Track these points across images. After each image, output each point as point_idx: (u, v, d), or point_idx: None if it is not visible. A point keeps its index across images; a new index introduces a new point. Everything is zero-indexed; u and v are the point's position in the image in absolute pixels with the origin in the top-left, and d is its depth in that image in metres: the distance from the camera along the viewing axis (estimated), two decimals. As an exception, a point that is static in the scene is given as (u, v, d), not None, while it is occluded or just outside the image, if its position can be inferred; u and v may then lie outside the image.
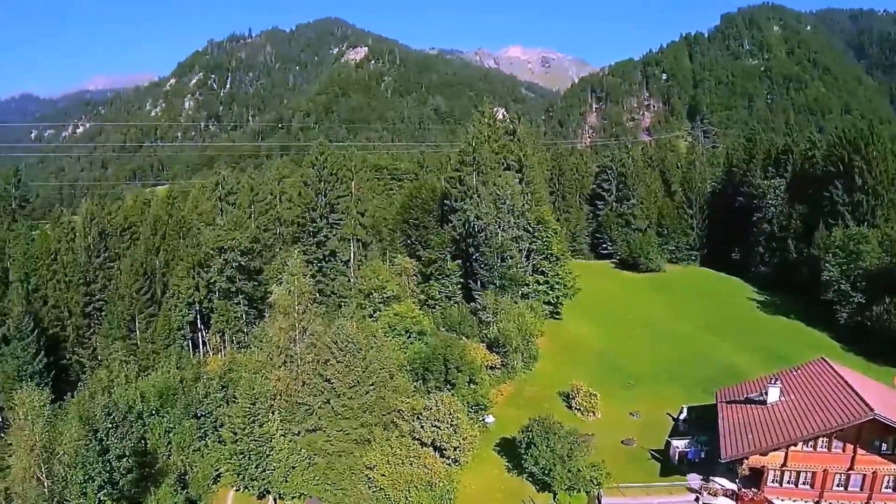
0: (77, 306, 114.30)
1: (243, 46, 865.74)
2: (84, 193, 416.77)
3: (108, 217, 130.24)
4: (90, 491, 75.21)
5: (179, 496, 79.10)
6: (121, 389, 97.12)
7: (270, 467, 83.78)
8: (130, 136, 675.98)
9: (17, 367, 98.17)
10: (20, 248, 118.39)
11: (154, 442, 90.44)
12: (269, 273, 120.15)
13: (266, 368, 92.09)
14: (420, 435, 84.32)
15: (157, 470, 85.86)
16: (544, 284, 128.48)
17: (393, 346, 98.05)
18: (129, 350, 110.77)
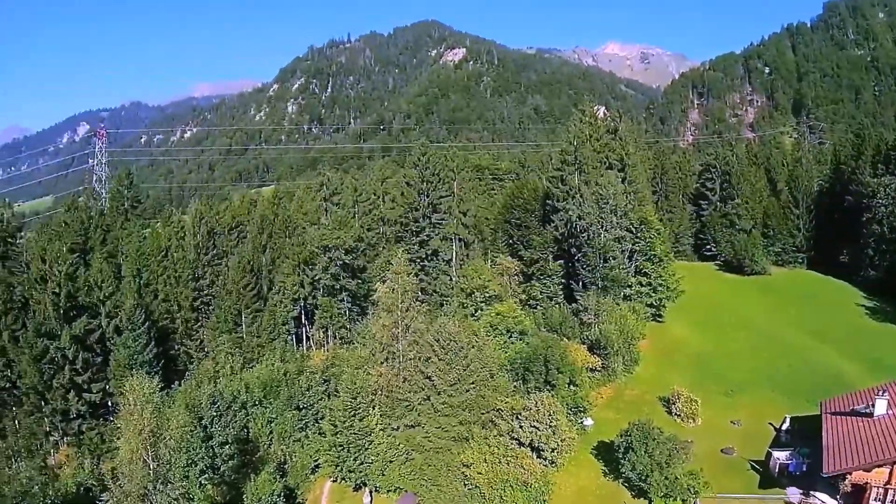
0: (186, 300, 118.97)
1: (343, 51, 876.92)
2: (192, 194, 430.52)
3: (217, 216, 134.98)
4: (192, 475, 78.94)
5: (278, 484, 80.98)
6: (226, 380, 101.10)
7: (368, 460, 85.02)
8: (236, 139, 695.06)
9: (129, 356, 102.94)
10: (133, 246, 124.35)
11: (256, 431, 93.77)
12: (373, 271, 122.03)
13: (368, 364, 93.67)
14: (518, 435, 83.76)
15: (258, 458, 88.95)
16: (647, 286, 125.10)
17: (494, 346, 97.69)
18: (234, 343, 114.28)
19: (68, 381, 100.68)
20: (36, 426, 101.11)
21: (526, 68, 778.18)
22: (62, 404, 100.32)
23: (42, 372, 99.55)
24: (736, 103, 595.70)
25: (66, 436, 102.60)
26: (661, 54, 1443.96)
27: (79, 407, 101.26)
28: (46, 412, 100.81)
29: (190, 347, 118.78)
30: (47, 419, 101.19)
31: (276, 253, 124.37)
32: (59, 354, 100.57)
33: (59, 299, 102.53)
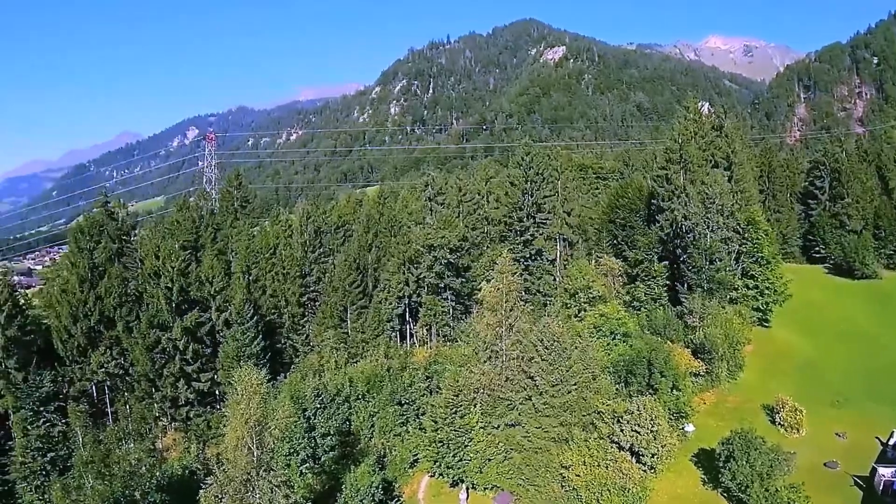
0: (293, 296, 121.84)
1: (443, 52, 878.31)
2: (299, 194, 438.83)
3: (323, 216, 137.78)
4: (294, 463, 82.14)
5: (377, 476, 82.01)
6: (330, 374, 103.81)
7: (467, 458, 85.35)
8: (340, 141, 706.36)
9: (238, 348, 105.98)
10: (242, 243, 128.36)
11: (358, 424, 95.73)
12: (477, 270, 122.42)
13: (471, 362, 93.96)
14: (618, 438, 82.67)
15: (358, 450, 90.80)
16: (753, 289, 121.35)
17: (597, 347, 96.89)
18: (339, 338, 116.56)
19: (178, 371, 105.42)
20: (146, 411, 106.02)
21: (627, 65, 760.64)
22: (172, 391, 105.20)
23: (154, 361, 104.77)
24: (844, 96, 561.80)
25: (175, 421, 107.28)
26: (764, 46, 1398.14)
27: (187, 395, 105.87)
28: (157, 398, 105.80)
29: (296, 342, 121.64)
30: (157, 405, 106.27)
31: (382, 251, 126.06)
32: (170, 345, 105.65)
33: (172, 293, 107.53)
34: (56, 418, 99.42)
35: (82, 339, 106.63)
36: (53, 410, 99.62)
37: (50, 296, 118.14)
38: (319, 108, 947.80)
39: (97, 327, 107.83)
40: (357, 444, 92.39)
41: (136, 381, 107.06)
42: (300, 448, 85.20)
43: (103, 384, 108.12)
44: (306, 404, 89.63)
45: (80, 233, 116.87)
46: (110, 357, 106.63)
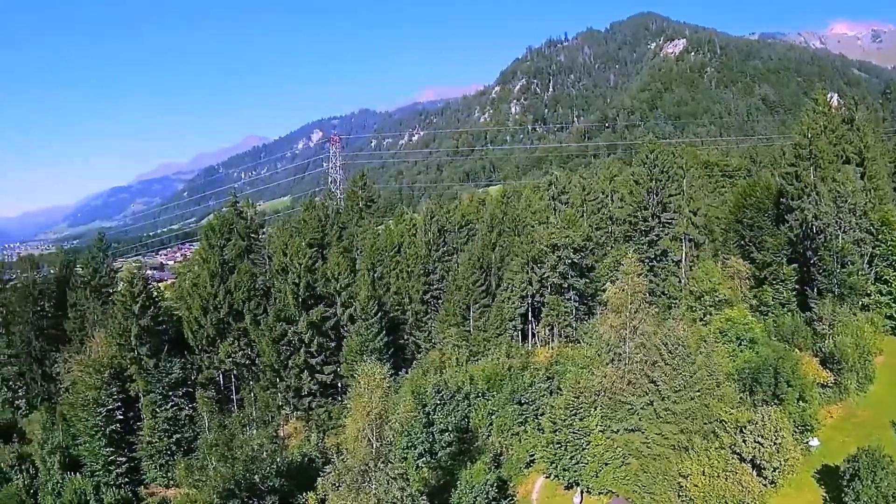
0: (417, 294, 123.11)
1: (561, 50, 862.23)
2: (422, 194, 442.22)
3: (447, 215, 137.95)
4: (411, 457, 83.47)
5: (492, 474, 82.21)
6: (451, 371, 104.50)
7: (584, 461, 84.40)
8: (462, 141, 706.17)
9: (361, 343, 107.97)
10: (368, 242, 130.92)
11: (476, 422, 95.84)
12: (601, 271, 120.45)
13: (593, 364, 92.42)
14: (740, 449, 79.29)
15: (475, 448, 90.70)
16: (887, 295, 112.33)
17: (721, 353, 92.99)
18: (461, 336, 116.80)
19: (303, 363, 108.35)
20: (270, 400, 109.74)
21: (750, 56, 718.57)
22: (296, 382, 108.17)
23: (280, 353, 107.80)
24: None
25: (297, 410, 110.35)
26: (893, 31, 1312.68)
27: (310, 386, 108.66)
28: (281, 388, 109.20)
29: (419, 338, 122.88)
30: (281, 394, 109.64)
31: (506, 251, 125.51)
32: (296, 338, 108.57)
33: (299, 289, 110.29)
34: (184, 403, 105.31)
35: (212, 331, 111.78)
36: (181, 395, 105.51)
37: (182, 289, 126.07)
38: (440, 109, 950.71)
39: (226, 319, 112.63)
40: (474, 442, 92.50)
41: (261, 371, 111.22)
42: (418, 442, 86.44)
43: (230, 373, 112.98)
44: (426, 400, 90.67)
45: (211, 231, 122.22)
46: (238, 348, 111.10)
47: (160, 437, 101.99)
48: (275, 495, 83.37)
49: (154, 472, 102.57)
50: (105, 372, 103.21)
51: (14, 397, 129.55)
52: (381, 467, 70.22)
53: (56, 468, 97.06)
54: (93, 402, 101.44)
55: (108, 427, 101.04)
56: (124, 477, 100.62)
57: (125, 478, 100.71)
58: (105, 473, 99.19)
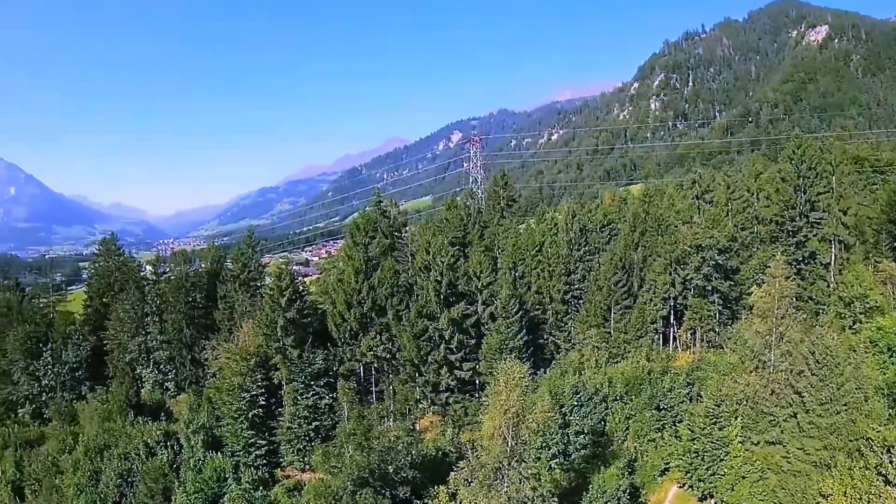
0: (558, 293, 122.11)
1: (699, 42, 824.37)
2: (562, 193, 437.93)
3: (588, 214, 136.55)
4: (544, 457, 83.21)
5: (625, 480, 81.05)
6: (590, 372, 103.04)
7: (720, 472, 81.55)
8: (602, 139, 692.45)
9: (501, 341, 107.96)
10: (509, 241, 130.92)
11: (612, 425, 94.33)
12: (746, 273, 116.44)
13: (735, 371, 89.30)
14: (887, 471, 72.48)
15: (610, 451, 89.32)
16: None
17: (871, 365, 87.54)
18: (602, 337, 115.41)
19: (442, 358, 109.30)
20: (409, 393, 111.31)
21: None
22: (434, 377, 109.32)
23: (420, 348, 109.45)
24: None
25: (434, 405, 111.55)
26: None
27: (448, 381, 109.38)
28: (419, 383, 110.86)
29: (558, 338, 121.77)
30: (419, 389, 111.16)
31: (648, 251, 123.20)
32: (436, 334, 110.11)
33: (441, 286, 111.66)
34: (324, 392, 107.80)
35: (354, 325, 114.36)
36: (322, 385, 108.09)
37: (326, 284, 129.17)
38: (578, 108, 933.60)
39: (369, 314, 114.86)
40: (609, 446, 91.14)
41: (401, 365, 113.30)
42: (553, 443, 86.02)
43: (371, 366, 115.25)
44: (564, 401, 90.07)
45: (356, 229, 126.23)
46: (379, 342, 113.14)
47: (300, 423, 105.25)
48: (407, 486, 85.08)
49: (291, 457, 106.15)
50: (251, 360, 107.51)
51: (164, 380, 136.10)
52: (515, 466, 70.18)
53: (199, 446, 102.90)
54: (238, 387, 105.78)
55: (250, 411, 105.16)
56: (262, 459, 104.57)
57: (263, 459, 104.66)
58: (245, 454, 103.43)
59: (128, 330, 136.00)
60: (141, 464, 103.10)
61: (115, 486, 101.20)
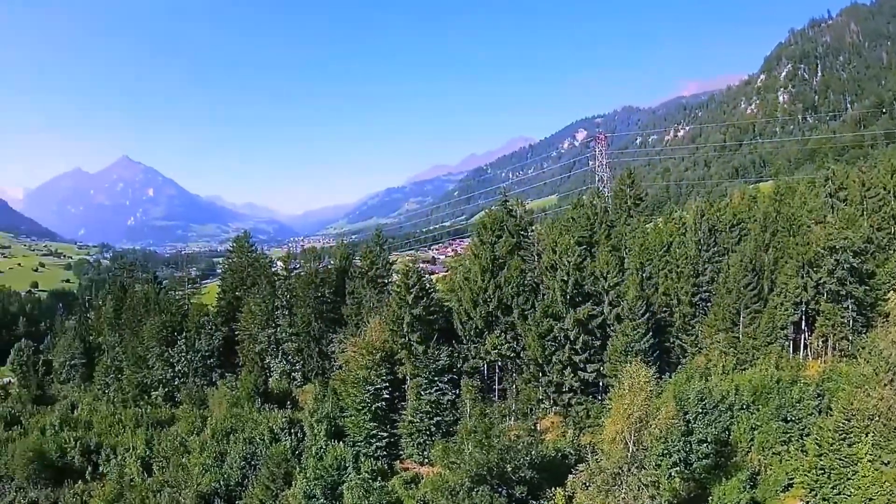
0: (685, 296, 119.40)
1: (825, 30, 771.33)
2: (689, 191, 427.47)
3: (717, 213, 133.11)
4: (665, 465, 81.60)
5: (746, 494, 79.45)
6: (716, 379, 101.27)
7: (847, 492, 77.60)
8: (729, 135, 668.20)
9: (626, 343, 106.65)
10: (636, 241, 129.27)
11: (736, 435, 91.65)
12: (882, 277, 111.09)
13: (869, 384, 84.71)
14: None
15: (732, 463, 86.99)
16: None
17: None
18: (729, 342, 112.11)
19: (567, 359, 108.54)
20: (532, 393, 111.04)
21: None
22: (558, 378, 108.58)
23: (544, 348, 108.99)
24: None
25: (556, 406, 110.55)
26: None
27: (572, 382, 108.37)
28: (543, 382, 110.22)
29: (685, 342, 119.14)
30: (542, 389, 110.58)
31: (779, 252, 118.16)
32: (561, 334, 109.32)
33: (567, 286, 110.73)
34: (447, 388, 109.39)
35: (480, 323, 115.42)
36: (446, 381, 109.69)
37: (453, 282, 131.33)
38: (704, 102, 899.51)
39: (495, 313, 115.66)
40: (732, 457, 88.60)
41: (525, 365, 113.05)
42: (674, 451, 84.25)
43: (495, 364, 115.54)
44: (688, 407, 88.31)
45: (483, 227, 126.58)
46: (504, 341, 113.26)
47: (421, 418, 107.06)
48: (524, 486, 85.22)
49: (411, 450, 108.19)
50: (377, 354, 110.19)
51: (292, 370, 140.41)
52: (635, 472, 69.37)
53: (322, 435, 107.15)
54: (363, 380, 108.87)
55: (373, 404, 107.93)
56: (383, 450, 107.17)
57: (383, 451, 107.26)
58: (366, 445, 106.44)
59: (258, 322, 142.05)
60: (265, 448, 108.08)
61: (238, 468, 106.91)
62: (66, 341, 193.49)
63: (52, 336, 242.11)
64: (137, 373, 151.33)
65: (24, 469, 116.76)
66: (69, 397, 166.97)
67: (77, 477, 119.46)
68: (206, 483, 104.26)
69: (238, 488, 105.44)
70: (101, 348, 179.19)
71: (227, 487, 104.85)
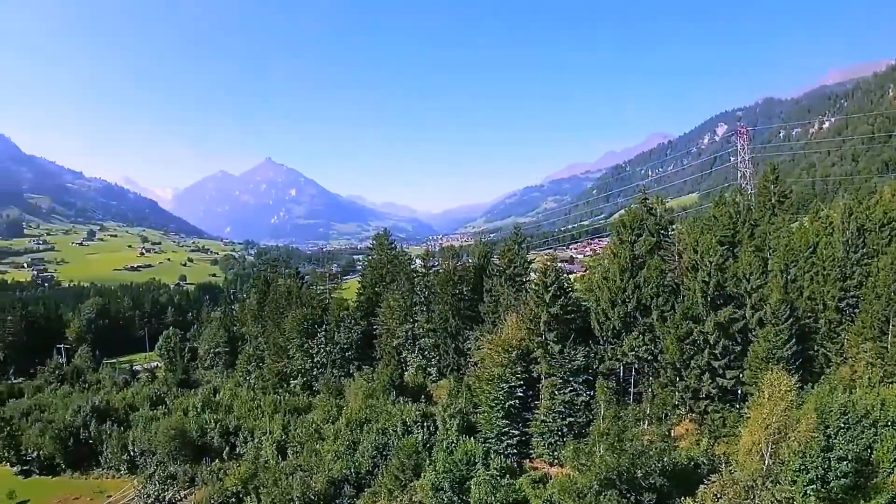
0: (832, 300, 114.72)
1: None
2: (836, 188, 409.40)
3: (866, 212, 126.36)
4: (801, 481, 77.39)
5: None
6: (861, 391, 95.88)
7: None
8: (878, 125, 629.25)
9: (768, 350, 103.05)
10: (781, 241, 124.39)
11: (879, 455, 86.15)
12: None
13: None
14: None
15: (873, 485, 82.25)
16: None
17: None
18: (877, 353, 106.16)
19: (705, 364, 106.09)
20: (667, 398, 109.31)
21: None
22: (695, 383, 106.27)
23: (683, 351, 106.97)
24: None
25: (692, 412, 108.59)
26: None
27: (710, 389, 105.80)
28: (679, 388, 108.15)
29: (829, 350, 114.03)
30: (678, 394, 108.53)
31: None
32: (701, 338, 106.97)
33: (708, 288, 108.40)
34: (582, 389, 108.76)
35: (618, 323, 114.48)
36: (581, 382, 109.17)
37: (591, 281, 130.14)
38: (849, 91, 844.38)
39: (633, 314, 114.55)
40: (873, 477, 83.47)
41: (662, 368, 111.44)
42: (812, 467, 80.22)
43: (631, 366, 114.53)
44: (829, 421, 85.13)
45: (622, 226, 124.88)
46: (642, 342, 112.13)
47: (554, 417, 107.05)
48: (653, 494, 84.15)
49: (542, 449, 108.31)
50: (512, 352, 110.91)
51: (427, 365, 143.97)
52: (769, 487, 67.79)
53: (454, 430, 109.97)
54: (497, 377, 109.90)
55: (507, 402, 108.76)
56: (513, 448, 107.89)
57: (514, 449, 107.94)
58: (496, 442, 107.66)
59: (397, 317, 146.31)
60: (397, 440, 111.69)
61: (369, 457, 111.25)
62: (212, 331, 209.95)
63: (199, 325, 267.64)
64: (278, 362, 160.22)
65: (165, 445, 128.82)
66: (212, 382, 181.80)
67: (214, 456, 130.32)
68: (338, 469, 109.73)
69: (368, 476, 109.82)
70: (243, 338, 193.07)
71: (357, 475, 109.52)
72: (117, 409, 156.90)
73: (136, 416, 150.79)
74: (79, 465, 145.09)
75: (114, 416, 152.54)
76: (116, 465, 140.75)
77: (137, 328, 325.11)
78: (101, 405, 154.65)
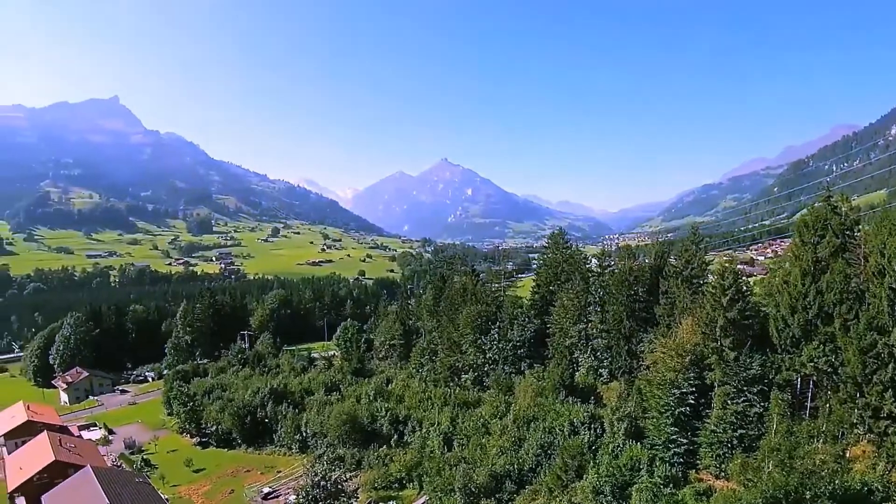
0: None
1: None
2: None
3: None
4: None
5: None
6: None
7: None
8: None
9: None
10: None
11: None
12: None
13: None
14: None
15: None
16: None
17: None
18: None
19: (888, 380, 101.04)
20: (845, 415, 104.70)
21: None
22: (876, 401, 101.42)
23: (865, 365, 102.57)
24: None
25: (870, 433, 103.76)
26: None
27: (892, 408, 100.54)
28: (859, 404, 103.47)
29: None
30: (857, 411, 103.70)
31: None
32: (885, 351, 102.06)
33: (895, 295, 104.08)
34: (756, 400, 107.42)
35: (797, 331, 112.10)
36: (755, 392, 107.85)
37: (771, 285, 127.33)
38: None
39: (814, 321, 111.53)
40: None
41: (842, 382, 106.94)
42: None
43: (808, 378, 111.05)
44: None
45: (804, 227, 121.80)
46: (822, 353, 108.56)
47: (724, 428, 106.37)
48: None
49: (709, 461, 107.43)
50: (686, 357, 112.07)
51: (599, 366, 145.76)
52: None
53: (621, 433, 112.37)
54: (669, 382, 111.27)
55: (677, 408, 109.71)
56: (679, 457, 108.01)
57: (680, 458, 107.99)
58: (663, 449, 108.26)
59: (570, 317, 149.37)
60: (563, 439, 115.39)
61: (533, 455, 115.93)
62: (388, 323, 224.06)
63: (376, 318, 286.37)
64: (451, 356, 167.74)
65: (336, 429, 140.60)
66: (385, 372, 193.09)
67: (382, 442, 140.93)
68: (501, 464, 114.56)
69: (530, 474, 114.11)
70: (418, 332, 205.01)
71: (519, 471, 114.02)
72: (293, 393, 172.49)
73: (311, 400, 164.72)
74: (253, 441, 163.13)
75: (290, 398, 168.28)
76: (289, 443, 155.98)
77: (317, 318, 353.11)
78: (278, 388, 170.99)
